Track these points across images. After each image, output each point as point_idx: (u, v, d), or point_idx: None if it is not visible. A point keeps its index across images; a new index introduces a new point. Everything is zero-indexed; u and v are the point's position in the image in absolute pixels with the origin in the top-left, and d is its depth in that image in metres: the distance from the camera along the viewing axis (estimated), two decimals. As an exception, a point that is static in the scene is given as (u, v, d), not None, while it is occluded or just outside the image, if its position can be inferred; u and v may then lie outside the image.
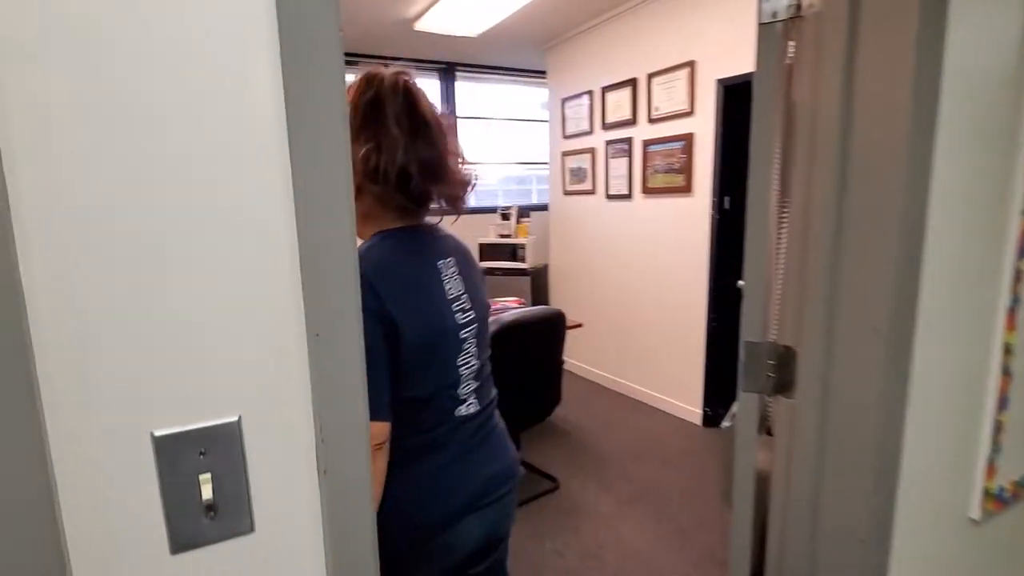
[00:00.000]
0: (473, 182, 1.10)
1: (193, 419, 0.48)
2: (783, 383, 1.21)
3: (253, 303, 0.49)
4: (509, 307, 3.56)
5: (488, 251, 4.84)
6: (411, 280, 0.97)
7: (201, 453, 0.48)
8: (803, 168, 1.15)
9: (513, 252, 4.75)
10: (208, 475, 0.48)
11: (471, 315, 1.05)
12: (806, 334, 1.14)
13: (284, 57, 0.48)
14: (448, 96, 5.16)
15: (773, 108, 1.23)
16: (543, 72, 4.82)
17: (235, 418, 0.49)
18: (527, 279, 4.66)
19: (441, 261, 1.04)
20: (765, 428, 1.38)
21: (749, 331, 1.22)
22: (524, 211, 4.97)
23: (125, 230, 0.44)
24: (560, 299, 4.83)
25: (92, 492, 0.45)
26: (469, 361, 1.04)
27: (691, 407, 3.65)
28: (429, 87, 5.15)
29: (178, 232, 0.46)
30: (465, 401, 1.04)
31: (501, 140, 5.59)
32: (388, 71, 1.04)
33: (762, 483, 1.29)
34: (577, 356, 4.62)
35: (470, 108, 5.34)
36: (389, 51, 4.68)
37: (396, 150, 0.94)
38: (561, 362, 2.73)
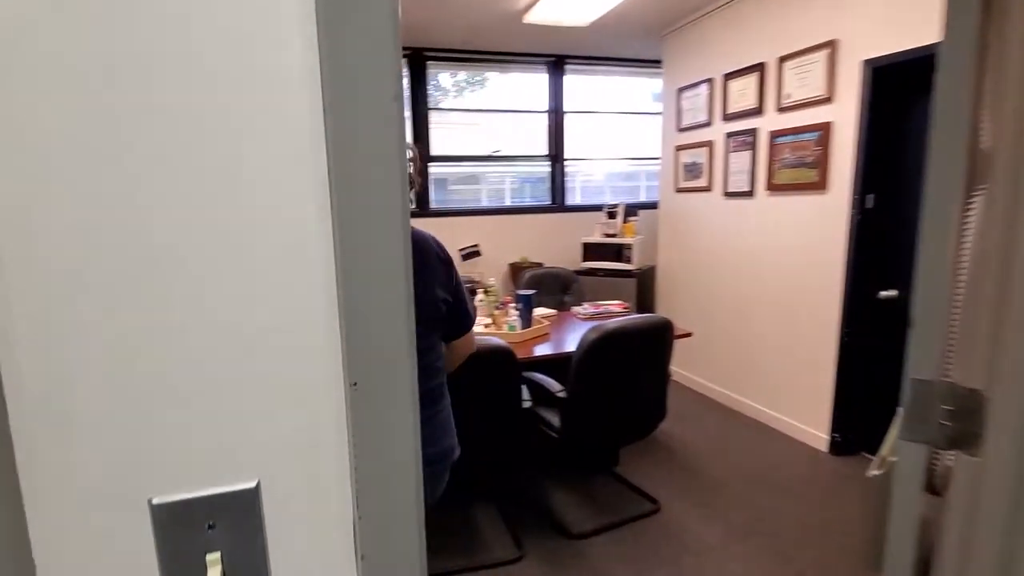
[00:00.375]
0: (414, 187, 1.25)
1: (200, 484, 0.38)
2: (963, 436, 0.95)
3: (276, 341, 0.38)
4: (612, 311, 3.36)
5: (592, 251, 4.65)
6: None
7: (210, 527, 0.38)
8: (1007, 157, 0.88)
9: (618, 252, 4.53)
10: (217, 555, 0.38)
11: None
12: (1003, 374, 0.88)
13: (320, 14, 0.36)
14: (556, 90, 5.02)
15: (963, 84, 0.96)
16: (657, 61, 4.53)
17: (252, 484, 0.39)
18: (632, 281, 4.42)
19: None
20: (930, 485, 1.12)
21: (919, 366, 0.97)
22: (631, 209, 4.72)
23: (112, 241, 0.34)
24: (667, 304, 4.54)
25: (75, 571, 0.37)
26: None
27: (816, 431, 3.25)
28: (537, 82, 5.04)
29: (178, 246, 0.35)
30: None
31: (609, 134, 5.36)
32: None
33: (925, 554, 1.04)
34: (685, 366, 4.31)
35: (578, 102, 5.16)
36: (498, 46, 4.62)
37: None
38: (668, 375, 2.51)
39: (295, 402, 0.39)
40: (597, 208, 4.92)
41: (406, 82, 4.66)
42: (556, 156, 5.11)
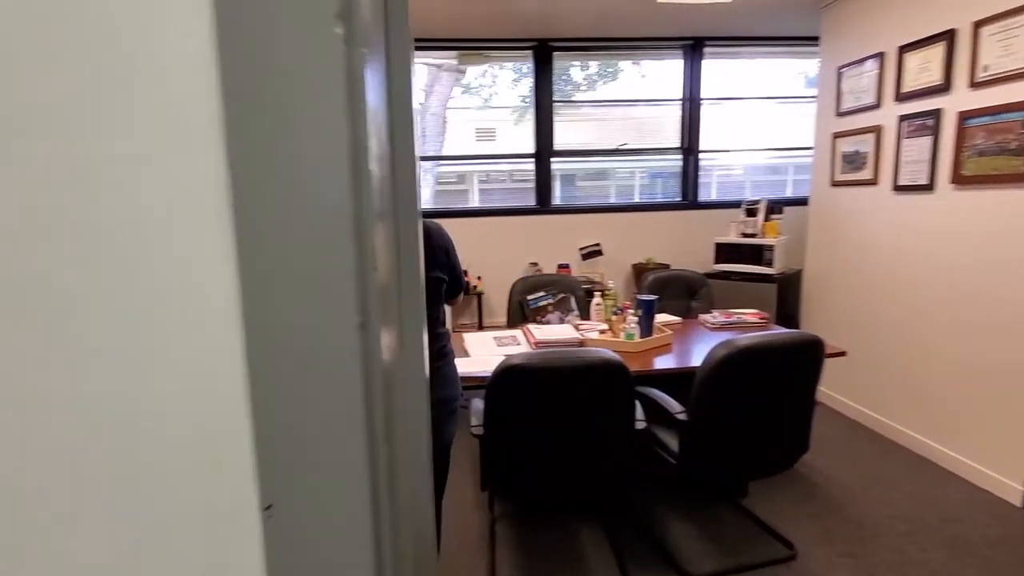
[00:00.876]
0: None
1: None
2: None
3: (133, 438, 0.24)
4: (746, 320, 2.99)
5: (725, 252, 4.23)
6: None
7: None
8: None
9: (757, 254, 4.06)
10: None
11: None
12: None
13: None
14: (692, 77, 4.63)
15: None
16: (812, 38, 3.98)
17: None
18: (772, 287, 3.94)
19: None
20: None
21: None
22: (775, 206, 4.22)
23: None
24: (814, 314, 3.99)
25: None
26: None
27: (1007, 479, 2.64)
28: (671, 69, 4.68)
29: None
30: None
31: (751, 123, 4.85)
32: None
33: None
34: (834, 386, 3.76)
35: (717, 89, 4.72)
36: (629, 31, 4.35)
37: None
38: (814, 403, 2.14)
39: (172, 536, 0.25)
40: (734, 204, 4.47)
41: (531, 81, 4.55)
42: (689, 148, 4.73)
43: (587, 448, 1.92)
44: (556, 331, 2.74)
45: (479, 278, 4.46)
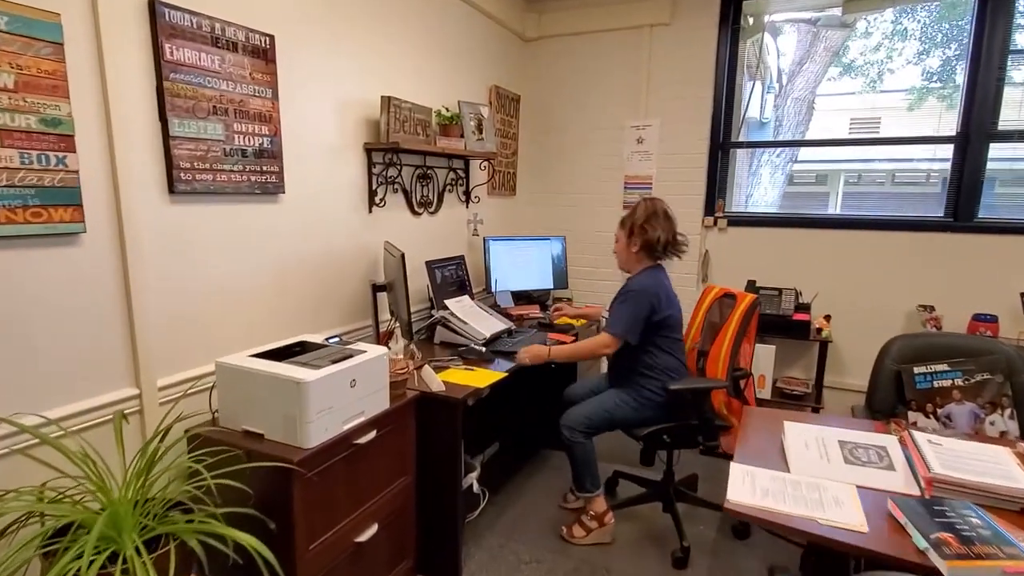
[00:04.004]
0: (686, 246, 2.43)
1: None
2: None
3: None
4: None
5: None
6: (668, 288, 2.36)
7: None
8: None
9: None
10: None
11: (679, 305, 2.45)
12: None
13: None
14: None
15: None
16: None
17: None
18: None
19: (667, 281, 2.40)
20: None
21: None
22: None
23: None
24: None
25: None
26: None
27: None
28: None
29: None
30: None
31: None
32: (655, 201, 2.39)
33: None
34: None
35: None
36: None
37: (658, 234, 2.33)
38: None
39: None
40: None
41: (970, 25, 2.93)
42: None
43: None
44: (977, 458, 1.45)
45: (826, 318, 3.13)
